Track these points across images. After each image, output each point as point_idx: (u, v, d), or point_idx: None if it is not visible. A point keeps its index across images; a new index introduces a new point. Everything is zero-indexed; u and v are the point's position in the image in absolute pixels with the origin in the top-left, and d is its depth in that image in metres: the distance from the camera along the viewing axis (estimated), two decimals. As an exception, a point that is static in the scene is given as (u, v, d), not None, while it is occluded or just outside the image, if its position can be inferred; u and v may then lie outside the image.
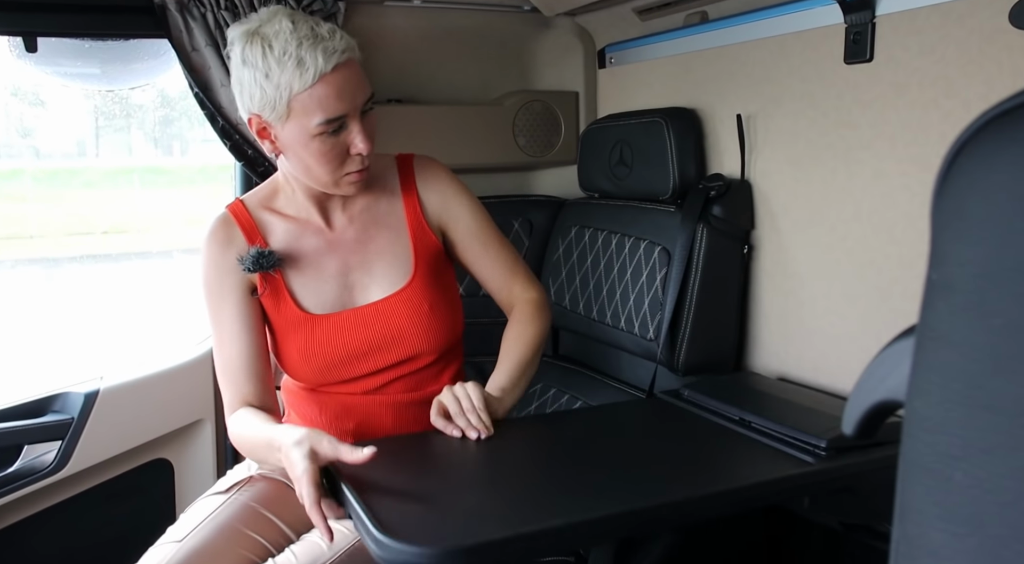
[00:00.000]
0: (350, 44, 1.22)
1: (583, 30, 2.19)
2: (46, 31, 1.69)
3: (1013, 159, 0.30)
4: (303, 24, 1.19)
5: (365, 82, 1.25)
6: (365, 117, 1.25)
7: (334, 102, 1.19)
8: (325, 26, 1.20)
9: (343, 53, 1.19)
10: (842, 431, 0.45)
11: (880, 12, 1.37)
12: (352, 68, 1.22)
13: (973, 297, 0.32)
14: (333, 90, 1.19)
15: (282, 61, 1.17)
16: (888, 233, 1.40)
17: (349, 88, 1.21)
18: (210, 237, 1.35)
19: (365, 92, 1.24)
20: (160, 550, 1.25)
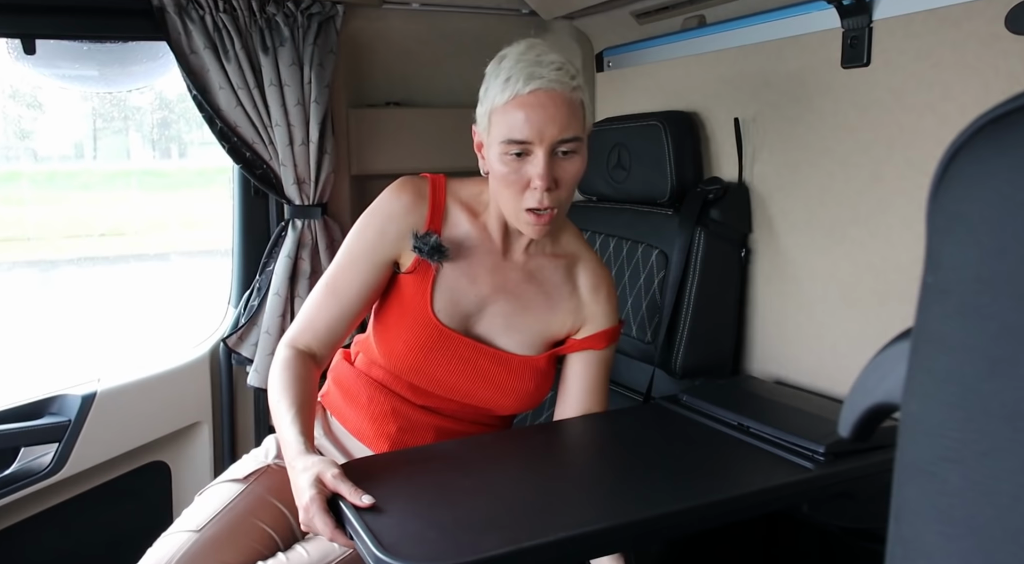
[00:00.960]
0: (563, 79, 1.18)
1: (581, 34, 2.19)
2: (44, 34, 1.69)
3: (1008, 163, 0.30)
4: (534, 51, 1.20)
5: (565, 119, 1.19)
6: (558, 158, 1.21)
7: (520, 124, 1.18)
8: (555, 57, 1.19)
9: (549, 82, 1.17)
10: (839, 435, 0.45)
11: (877, 17, 1.38)
12: (552, 98, 1.18)
13: (968, 300, 0.32)
14: (522, 112, 1.17)
15: (498, 77, 1.20)
16: (884, 237, 1.40)
17: (539, 116, 1.17)
18: (399, 191, 1.33)
19: (560, 127, 1.18)
20: (175, 539, 1.26)
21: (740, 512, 1.11)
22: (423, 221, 1.32)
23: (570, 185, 1.24)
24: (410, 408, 1.35)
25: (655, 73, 1.95)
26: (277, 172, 1.89)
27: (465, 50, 2.14)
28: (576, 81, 1.20)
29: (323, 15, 1.86)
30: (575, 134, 1.20)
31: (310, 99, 1.85)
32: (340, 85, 1.95)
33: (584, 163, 1.24)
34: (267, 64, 1.80)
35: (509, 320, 1.34)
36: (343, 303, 1.31)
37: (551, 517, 1.02)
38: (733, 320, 1.68)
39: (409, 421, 1.35)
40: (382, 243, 1.31)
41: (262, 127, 1.84)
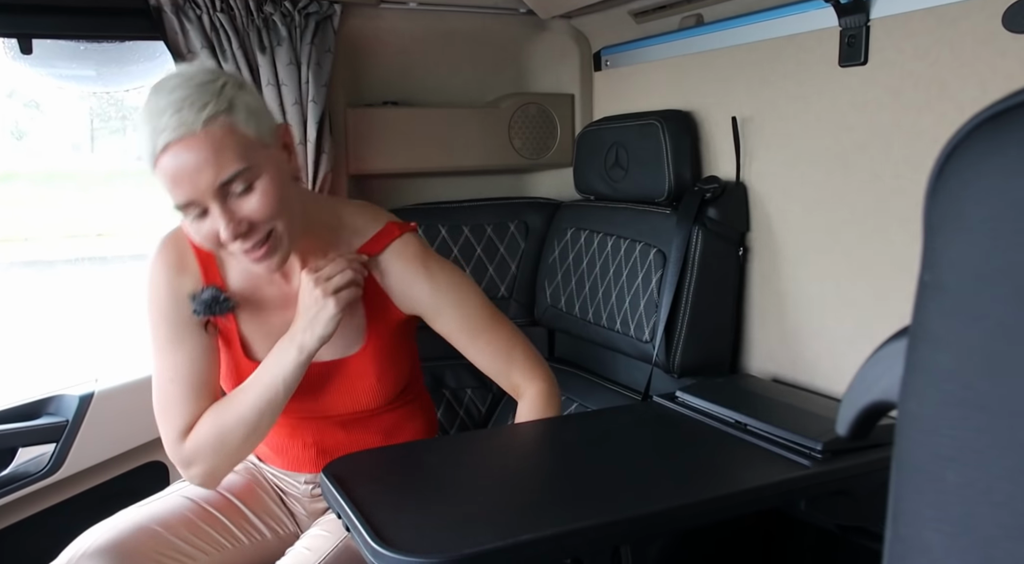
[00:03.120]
0: (186, 120, 1.01)
1: (579, 33, 2.19)
2: (41, 33, 1.69)
3: (1005, 161, 0.30)
4: (158, 94, 1.04)
5: (213, 161, 1.03)
6: (235, 198, 1.07)
7: (172, 187, 1.05)
8: (178, 94, 1.03)
9: (174, 131, 1.01)
10: (837, 433, 0.45)
11: (874, 15, 1.38)
12: (189, 146, 1.02)
13: (965, 298, 0.32)
14: (167, 174, 1.04)
15: (137, 133, 1.06)
16: (882, 235, 1.40)
17: (183, 172, 1.03)
18: (160, 260, 1.24)
19: (214, 171, 1.03)
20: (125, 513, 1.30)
21: (737, 508, 1.11)
22: (198, 276, 1.24)
23: (267, 211, 1.09)
24: (307, 422, 1.34)
25: (653, 72, 1.95)
26: (275, 172, 1.89)
27: (463, 49, 2.14)
28: (208, 108, 1.03)
29: (320, 14, 1.85)
30: (235, 169, 1.04)
31: (308, 98, 1.85)
32: (338, 84, 1.95)
33: (272, 181, 1.09)
34: (264, 64, 1.80)
35: None
36: (202, 363, 1.23)
37: (548, 512, 1.03)
38: (731, 318, 1.68)
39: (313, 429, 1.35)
40: (180, 314, 1.22)
41: (259, 126, 1.84)
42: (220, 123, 1.04)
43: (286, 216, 1.12)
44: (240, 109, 1.06)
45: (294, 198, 1.15)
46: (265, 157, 1.09)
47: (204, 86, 1.04)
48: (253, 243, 1.10)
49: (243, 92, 1.09)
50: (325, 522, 1.34)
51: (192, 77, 1.06)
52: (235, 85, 1.08)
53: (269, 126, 1.12)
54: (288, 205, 1.12)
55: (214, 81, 1.06)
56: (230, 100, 1.05)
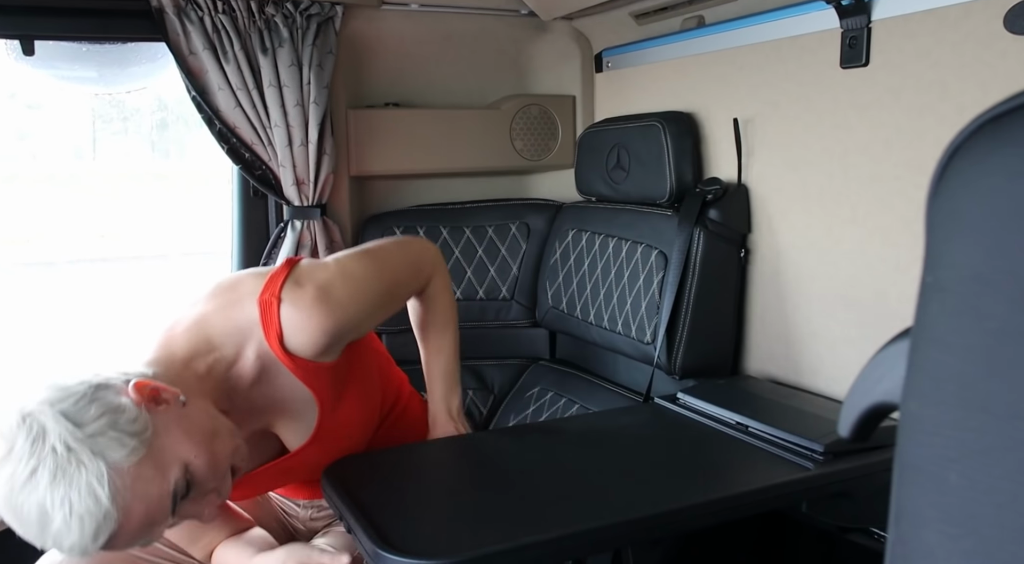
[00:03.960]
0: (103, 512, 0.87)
1: (580, 34, 2.19)
2: (43, 35, 1.69)
3: (1007, 162, 0.30)
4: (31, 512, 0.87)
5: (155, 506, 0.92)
6: (192, 492, 0.97)
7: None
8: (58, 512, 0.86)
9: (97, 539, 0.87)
10: (838, 434, 0.45)
11: (876, 17, 1.38)
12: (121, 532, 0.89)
13: (967, 300, 0.32)
14: (121, 548, 0.94)
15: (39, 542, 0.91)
16: (884, 236, 1.40)
17: (136, 540, 0.94)
18: None
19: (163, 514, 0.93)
20: None
21: (739, 510, 1.11)
22: None
23: (218, 476, 1.01)
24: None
25: (654, 73, 1.95)
26: (276, 173, 1.89)
27: (464, 51, 2.15)
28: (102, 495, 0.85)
29: (322, 16, 1.86)
30: (171, 495, 0.93)
31: (309, 100, 1.85)
32: (339, 86, 1.95)
33: (199, 454, 0.97)
34: (266, 65, 1.80)
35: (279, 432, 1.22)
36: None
37: (550, 514, 1.02)
38: (732, 320, 1.68)
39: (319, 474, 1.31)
40: None
41: (261, 128, 1.84)
42: (118, 485, 0.87)
43: (225, 457, 1.02)
44: (109, 451, 0.87)
45: (207, 424, 1.02)
46: (166, 445, 0.94)
47: (58, 471, 0.85)
48: (231, 486, 1.05)
49: (81, 426, 0.88)
50: (329, 536, 1.33)
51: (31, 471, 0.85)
52: (64, 427, 0.87)
53: (131, 419, 0.92)
54: (221, 448, 1.01)
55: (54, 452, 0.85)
56: (93, 454, 0.86)
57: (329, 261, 1.22)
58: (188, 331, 1.09)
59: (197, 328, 1.10)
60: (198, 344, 1.08)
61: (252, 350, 1.11)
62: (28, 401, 0.89)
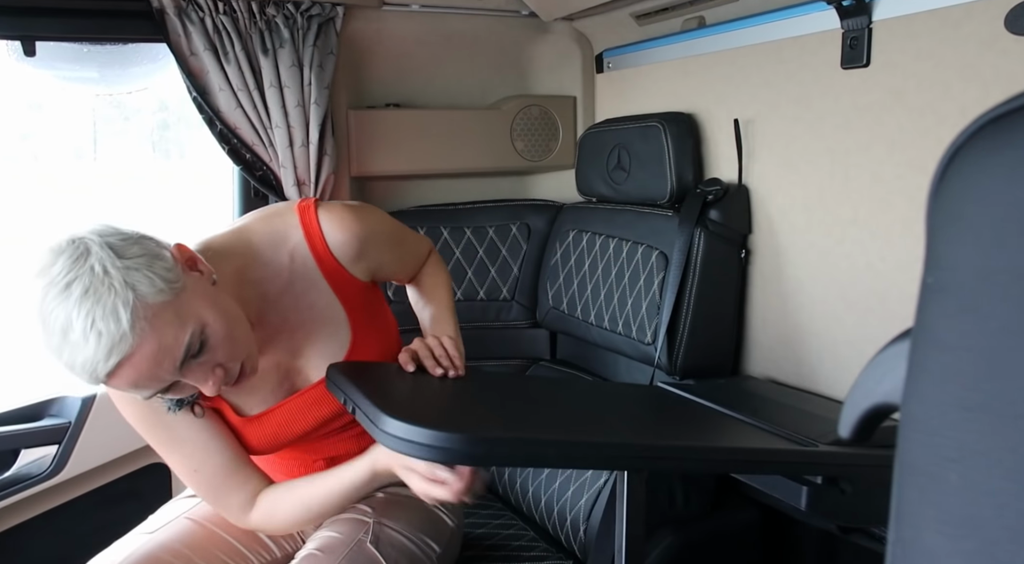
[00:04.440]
0: (114, 342, 0.90)
1: (581, 35, 2.19)
2: (45, 35, 1.69)
3: (1008, 162, 0.30)
4: (52, 320, 0.91)
5: (163, 347, 0.95)
6: (197, 361, 1.00)
7: (139, 392, 0.99)
8: (79, 322, 0.90)
9: (108, 361, 0.91)
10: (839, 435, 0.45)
11: (877, 17, 1.38)
12: (132, 358, 0.93)
13: (968, 300, 0.32)
14: (127, 386, 0.96)
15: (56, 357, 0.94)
16: (884, 237, 1.40)
17: (143, 377, 0.95)
18: None
19: (172, 357, 0.96)
20: (130, 540, 1.26)
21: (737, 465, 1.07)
22: None
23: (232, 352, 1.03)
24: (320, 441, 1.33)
25: (655, 74, 1.95)
26: (277, 174, 1.89)
27: (465, 51, 2.15)
28: (121, 311, 0.90)
29: (323, 17, 1.86)
30: (184, 341, 0.96)
31: (310, 101, 1.85)
32: (340, 86, 1.95)
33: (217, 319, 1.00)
34: (267, 66, 1.80)
35: (306, 355, 1.24)
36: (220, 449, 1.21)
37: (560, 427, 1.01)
38: (733, 321, 1.68)
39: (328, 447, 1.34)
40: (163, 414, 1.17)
41: (262, 129, 1.84)
42: (141, 316, 0.92)
43: (244, 343, 1.06)
44: (140, 284, 0.93)
45: (233, 309, 1.07)
46: (192, 303, 0.99)
47: (91, 288, 0.91)
48: (234, 380, 1.06)
49: (121, 257, 0.94)
50: (334, 522, 1.33)
51: (67, 283, 0.91)
52: (106, 254, 0.93)
53: (168, 269, 0.97)
54: (239, 329, 1.05)
55: (92, 271, 0.92)
56: (124, 283, 0.92)
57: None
58: (229, 235, 1.18)
59: (237, 233, 1.19)
60: (236, 244, 1.17)
61: (287, 255, 1.19)
62: (81, 229, 0.97)
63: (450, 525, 1.40)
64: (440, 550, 1.35)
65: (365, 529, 1.28)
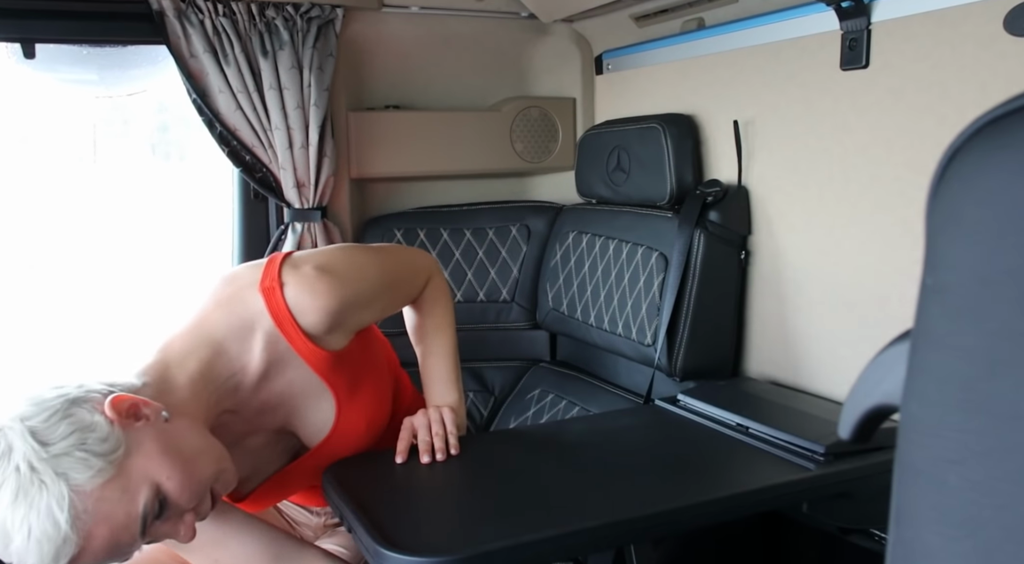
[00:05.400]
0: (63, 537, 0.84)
1: (580, 36, 2.19)
2: (44, 38, 1.69)
3: (1007, 163, 0.30)
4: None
5: (121, 528, 0.89)
6: (164, 516, 0.94)
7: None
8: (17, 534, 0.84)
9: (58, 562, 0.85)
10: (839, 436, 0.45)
11: (876, 19, 1.38)
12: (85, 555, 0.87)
13: (968, 301, 0.32)
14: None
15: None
16: (884, 238, 1.40)
17: (109, 558, 0.90)
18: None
19: (130, 536, 0.90)
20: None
21: (740, 510, 1.11)
22: None
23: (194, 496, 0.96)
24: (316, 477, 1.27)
25: (654, 76, 1.95)
26: (277, 175, 1.89)
27: (465, 53, 2.15)
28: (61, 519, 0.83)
29: (322, 19, 1.86)
30: (140, 518, 0.90)
31: (309, 102, 1.85)
32: (339, 88, 1.96)
33: (173, 474, 0.93)
34: (266, 68, 1.80)
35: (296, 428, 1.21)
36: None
37: (551, 513, 1.02)
38: (732, 322, 1.68)
39: None
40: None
41: (262, 130, 1.84)
42: (79, 508, 0.85)
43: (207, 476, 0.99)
44: (73, 472, 0.86)
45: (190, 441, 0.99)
46: (137, 465, 0.91)
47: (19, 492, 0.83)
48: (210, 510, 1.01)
49: (46, 445, 0.86)
50: (338, 535, 1.33)
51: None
52: (30, 446, 0.86)
53: (102, 439, 0.89)
54: (200, 468, 0.98)
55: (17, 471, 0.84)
56: (56, 476, 0.85)
57: (324, 248, 1.24)
58: (187, 334, 1.07)
59: (197, 329, 1.08)
60: (198, 346, 1.06)
61: (259, 342, 1.10)
62: (3, 414, 0.88)
63: None
64: None
65: None
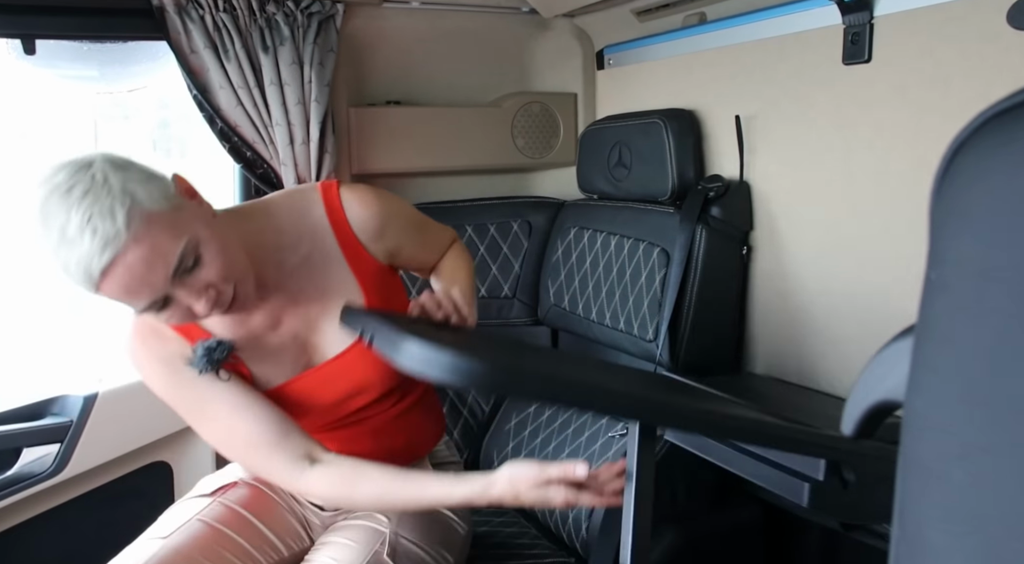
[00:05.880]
0: (108, 237, 0.94)
1: (582, 31, 2.19)
2: (44, 34, 1.69)
3: (1011, 158, 0.30)
4: (52, 221, 0.95)
5: (158, 259, 0.98)
6: (191, 275, 1.02)
7: (129, 300, 1.00)
8: (75, 218, 0.94)
9: (102, 256, 0.94)
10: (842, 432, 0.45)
11: (878, 13, 1.37)
12: (126, 258, 0.96)
13: (971, 296, 0.32)
14: (117, 292, 0.98)
15: (55, 263, 0.97)
16: (887, 233, 1.40)
17: (135, 282, 0.97)
18: (138, 341, 1.18)
19: (163, 268, 0.99)
20: (143, 545, 1.25)
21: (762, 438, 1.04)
22: (181, 340, 1.19)
23: (224, 271, 1.05)
24: (331, 433, 1.31)
25: (656, 70, 1.94)
26: (278, 171, 1.89)
27: (466, 48, 2.14)
28: (118, 213, 0.95)
29: (323, 14, 1.85)
30: (178, 251, 1.00)
31: (310, 98, 1.85)
32: (340, 84, 1.95)
33: (212, 239, 1.04)
34: (267, 63, 1.80)
35: (321, 329, 1.24)
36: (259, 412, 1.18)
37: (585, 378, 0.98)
38: (734, 317, 1.68)
39: (340, 440, 1.31)
40: (193, 381, 1.16)
41: (262, 126, 1.84)
42: (136, 219, 0.96)
43: (239, 265, 1.08)
44: (138, 192, 0.97)
45: (231, 237, 1.10)
46: (189, 220, 1.02)
47: (90, 191, 0.95)
48: (227, 304, 1.07)
49: (123, 171, 0.99)
50: (346, 529, 1.32)
51: (68, 187, 0.96)
52: (109, 166, 0.98)
53: (166, 188, 1.02)
54: (234, 252, 1.08)
55: (93, 178, 0.96)
56: (123, 189, 0.96)
57: None
58: (249, 203, 1.27)
59: (257, 201, 1.26)
60: (254, 210, 1.23)
61: (309, 228, 1.22)
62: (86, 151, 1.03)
63: (461, 533, 1.39)
64: (453, 559, 1.35)
65: (381, 540, 1.27)
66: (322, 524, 1.42)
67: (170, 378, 1.18)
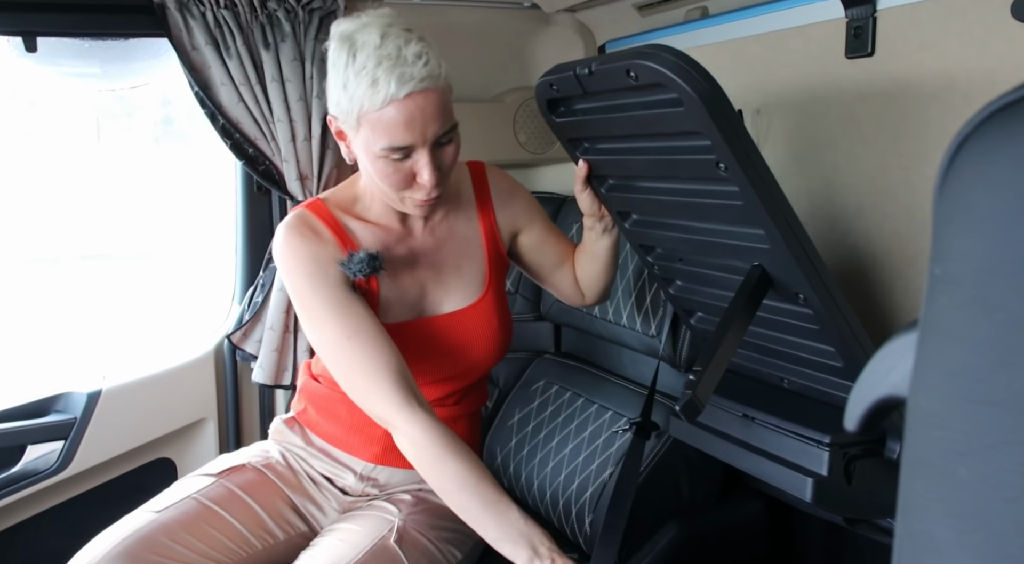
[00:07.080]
0: (433, 73, 1.14)
1: (583, 26, 2.18)
2: (46, 31, 1.69)
3: (1016, 152, 0.30)
4: (391, 42, 1.12)
5: (442, 114, 1.17)
6: (440, 148, 1.20)
7: (401, 131, 1.14)
8: (414, 47, 1.13)
9: (421, 81, 1.12)
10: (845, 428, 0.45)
11: (881, 6, 1.37)
12: (428, 98, 1.14)
13: (976, 291, 0.32)
14: (402, 118, 1.13)
15: (360, 76, 1.12)
16: (890, 228, 1.39)
17: (420, 119, 1.14)
18: (297, 236, 1.26)
19: (440, 124, 1.17)
20: (136, 517, 1.27)
21: None
22: (336, 244, 1.28)
23: (452, 165, 1.24)
24: None
25: (658, 65, 1.94)
26: (280, 168, 1.89)
27: (467, 44, 2.14)
28: (442, 66, 1.16)
29: (324, 10, 1.85)
30: (452, 123, 1.20)
31: (312, 94, 1.85)
32: (342, 80, 1.95)
33: (458, 138, 1.24)
34: (268, 60, 1.80)
35: (445, 284, 1.36)
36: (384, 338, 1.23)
37: None
38: (738, 313, 1.68)
39: None
40: (335, 280, 1.25)
41: (264, 123, 1.84)
42: (448, 85, 1.17)
43: (453, 172, 1.27)
44: (448, 72, 1.18)
45: None
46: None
47: (426, 41, 1.15)
48: (438, 192, 1.21)
49: None
50: (357, 517, 1.33)
51: (408, 28, 1.16)
52: None
53: None
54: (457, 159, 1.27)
55: (432, 46, 1.16)
56: (439, 59, 1.16)
57: None
58: None
59: None
60: None
61: (455, 191, 1.38)
62: None
63: (475, 537, 1.38)
64: (461, 557, 1.36)
65: (390, 527, 1.29)
66: (340, 507, 1.42)
67: (315, 274, 1.25)
